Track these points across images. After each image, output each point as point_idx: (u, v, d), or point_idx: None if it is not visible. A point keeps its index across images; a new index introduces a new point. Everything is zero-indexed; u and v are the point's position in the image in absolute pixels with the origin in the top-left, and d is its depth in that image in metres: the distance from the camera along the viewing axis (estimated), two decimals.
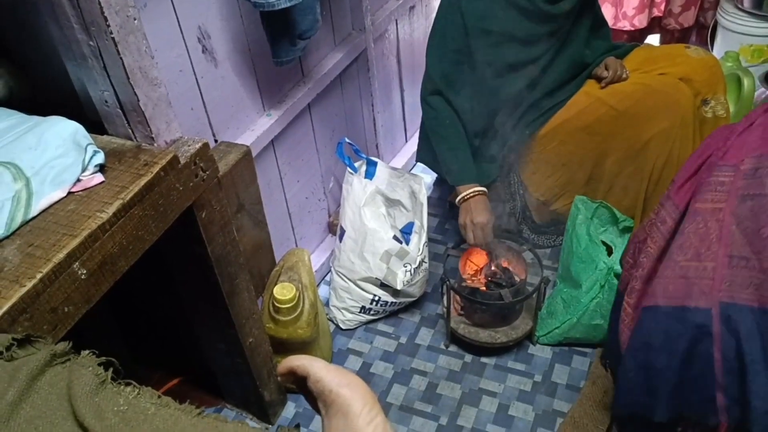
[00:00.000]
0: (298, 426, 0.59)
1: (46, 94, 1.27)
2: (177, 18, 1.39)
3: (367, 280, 1.92)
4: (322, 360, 0.58)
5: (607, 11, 2.77)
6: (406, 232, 1.94)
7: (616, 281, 1.80)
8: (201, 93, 1.52)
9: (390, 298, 1.96)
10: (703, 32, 2.86)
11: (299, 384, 0.60)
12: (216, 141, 1.60)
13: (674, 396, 1.27)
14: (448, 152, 1.89)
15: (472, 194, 1.86)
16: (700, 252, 1.19)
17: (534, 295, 1.83)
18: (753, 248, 1.14)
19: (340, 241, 1.96)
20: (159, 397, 0.66)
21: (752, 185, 1.17)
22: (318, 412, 0.57)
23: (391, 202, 1.97)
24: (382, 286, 1.93)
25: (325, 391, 0.55)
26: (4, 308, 0.86)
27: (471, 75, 1.84)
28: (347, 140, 1.95)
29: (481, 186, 1.88)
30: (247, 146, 1.58)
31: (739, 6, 2.54)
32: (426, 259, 1.97)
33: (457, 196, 1.88)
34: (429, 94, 1.87)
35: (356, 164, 1.97)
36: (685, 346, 1.22)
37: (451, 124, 1.87)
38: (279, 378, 0.59)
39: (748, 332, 1.14)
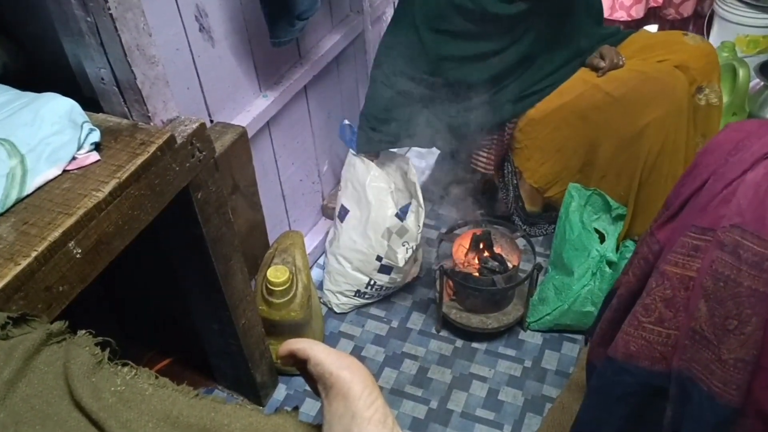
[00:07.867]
0: (296, 408, 0.59)
1: (41, 70, 1.26)
2: None
3: (366, 260, 1.91)
4: (322, 344, 0.58)
5: (603, 2, 2.75)
6: (404, 211, 1.95)
7: (608, 269, 1.81)
8: (197, 72, 1.51)
9: (386, 282, 1.96)
10: (700, 22, 2.86)
11: (299, 367, 0.60)
12: (212, 121, 1.59)
13: None
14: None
15: None
16: (664, 318, 1.11)
17: (526, 282, 1.84)
18: (716, 334, 1.04)
19: (342, 222, 1.95)
20: (156, 377, 0.66)
21: (730, 266, 1.01)
22: (318, 395, 0.57)
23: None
24: (381, 268, 1.92)
25: (325, 374, 0.55)
26: None
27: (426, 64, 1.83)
28: (347, 122, 1.95)
29: None
30: (243, 127, 1.57)
31: None
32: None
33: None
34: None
35: None
36: (639, 401, 1.20)
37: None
38: (279, 360, 0.59)
39: (693, 410, 1.10)
